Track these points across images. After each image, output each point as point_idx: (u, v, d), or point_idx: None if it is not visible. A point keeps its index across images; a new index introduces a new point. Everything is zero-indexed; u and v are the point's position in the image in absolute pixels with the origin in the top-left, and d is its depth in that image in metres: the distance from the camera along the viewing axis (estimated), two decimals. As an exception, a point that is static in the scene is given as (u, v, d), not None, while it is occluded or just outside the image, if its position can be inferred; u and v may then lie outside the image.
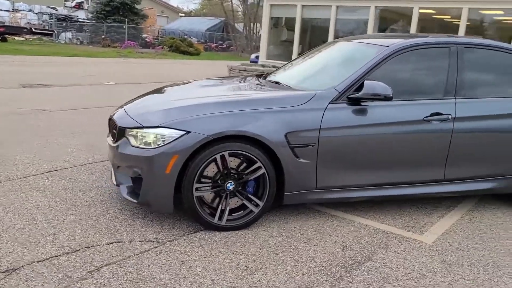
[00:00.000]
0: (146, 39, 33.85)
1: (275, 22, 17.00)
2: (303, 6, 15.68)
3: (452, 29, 13.05)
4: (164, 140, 3.19)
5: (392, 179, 3.70)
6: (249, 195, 3.39)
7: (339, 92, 3.51)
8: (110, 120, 3.82)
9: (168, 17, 49.44)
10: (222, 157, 3.23)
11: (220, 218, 3.32)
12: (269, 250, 3.10)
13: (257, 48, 37.81)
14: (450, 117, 3.69)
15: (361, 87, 3.48)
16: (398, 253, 3.17)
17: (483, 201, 4.34)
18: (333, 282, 2.73)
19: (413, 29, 13.49)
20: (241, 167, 3.34)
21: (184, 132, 3.17)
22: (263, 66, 15.38)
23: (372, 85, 3.39)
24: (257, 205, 3.39)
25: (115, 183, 3.62)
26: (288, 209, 3.80)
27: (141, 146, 3.29)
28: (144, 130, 3.30)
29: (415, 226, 3.67)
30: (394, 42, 3.79)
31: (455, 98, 3.77)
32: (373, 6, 14.12)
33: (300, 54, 15.63)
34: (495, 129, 3.86)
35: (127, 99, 4.48)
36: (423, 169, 3.76)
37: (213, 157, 3.20)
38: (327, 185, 3.54)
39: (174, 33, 37.54)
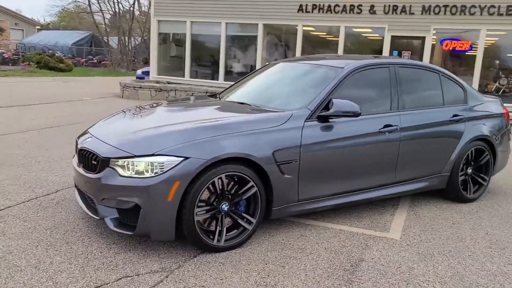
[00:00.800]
0: (3, 54, 30.76)
1: (164, 38, 16.90)
2: (192, 22, 15.89)
3: (332, 44, 14.40)
4: (162, 168, 3.18)
5: (357, 186, 4.14)
6: (243, 214, 3.52)
7: (311, 111, 3.83)
8: (81, 150, 3.64)
9: (23, 30, 45.46)
10: (219, 179, 3.33)
11: (218, 240, 3.40)
12: (275, 264, 3.28)
13: (132, 63, 36.90)
14: (398, 127, 4.26)
15: (327, 105, 3.85)
16: (380, 251, 3.58)
17: (415, 199, 5.02)
18: (347, 285, 3.02)
19: (298, 45, 14.57)
20: (233, 188, 3.46)
21: (183, 158, 3.21)
22: (157, 82, 15.23)
23: (341, 103, 3.78)
24: (250, 223, 3.54)
25: (97, 216, 3.46)
26: (265, 223, 4.00)
27: (134, 175, 3.23)
28: (136, 159, 3.25)
29: (378, 226, 4.14)
30: (347, 63, 4.26)
31: (399, 111, 4.36)
32: (261, 24, 14.91)
33: (195, 69, 15.81)
34: (429, 135, 4.54)
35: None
36: (380, 174, 4.27)
37: (211, 181, 3.28)
38: (307, 197, 3.83)
39: (35, 47, 34.76)
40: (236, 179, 3.43)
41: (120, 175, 3.27)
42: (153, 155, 3.23)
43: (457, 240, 3.89)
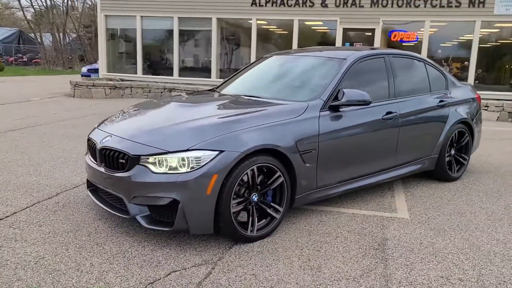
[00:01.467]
0: None
1: (112, 33, 16.38)
2: (142, 17, 15.54)
3: (287, 38, 14.67)
4: (199, 162, 3.21)
5: (365, 171, 4.36)
6: (271, 204, 3.62)
7: (324, 101, 3.99)
8: (103, 149, 3.56)
9: None
10: (251, 171, 3.40)
11: (251, 230, 3.48)
12: (309, 248, 3.42)
13: (69, 60, 35.30)
14: (397, 114, 4.52)
15: (336, 95, 4.03)
16: (398, 230, 3.83)
17: (405, 181, 5.34)
18: (383, 262, 3.22)
19: (253, 39, 14.70)
20: (261, 179, 3.55)
21: (218, 151, 3.25)
22: (110, 80, 14.78)
23: (352, 93, 3.97)
24: (277, 212, 3.65)
25: (126, 215, 3.42)
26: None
27: (168, 172, 3.23)
28: (170, 155, 3.25)
29: (385, 207, 4.40)
30: (349, 55, 4.45)
31: (396, 99, 4.62)
32: (215, 18, 14.88)
33: (148, 65, 15.50)
34: (422, 120, 4.85)
35: None
36: (385, 159, 4.52)
37: (245, 172, 3.35)
38: (324, 184, 3.99)
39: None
40: (264, 170, 3.52)
41: (153, 172, 3.26)
42: (188, 150, 3.25)
43: (458, 215, 4.22)
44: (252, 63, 5.33)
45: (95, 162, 3.71)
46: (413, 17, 13.65)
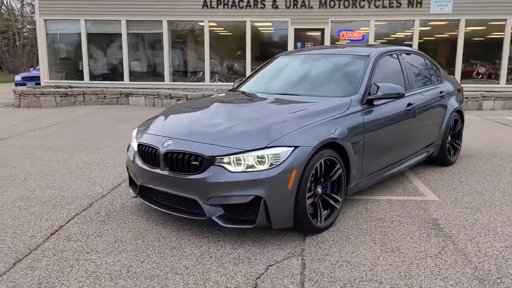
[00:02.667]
0: None
1: (53, 39, 15.54)
2: (86, 21, 14.93)
3: (240, 39, 14.83)
4: (278, 159, 3.30)
5: (395, 159, 4.67)
6: (332, 195, 3.79)
7: (362, 96, 4.23)
8: (168, 153, 3.52)
9: None
10: (320, 164, 3.55)
11: (320, 221, 3.62)
12: (376, 233, 3.63)
13: (22, 67, 32.70)
14: (415, 105, 4.88)
15: (370, 89, 4.29)
16: (440, 211, 4.15)
17: (412, 168, 5.72)
18: (449, 239, 3.51)
19: (206, 41, 14.70)
20: (324, 171, 3.71)
21: (293, 147, 3.36)
22: (58, 87, 14.05)
23: (386, 87, 4.24)
24: (337, 202, 3.82)
25: (201, 217, 3.42)
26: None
27: (247, 170, 3.29)
28: (247, 153, 3.31)
29: (412, 192, 4.73)
30: (370, 51, 4.73)
31: (411, 91, 4.98)
32: (166, 20, 14.69)
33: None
34: (430, 110, 5.26)
35: None
36: (409, 147, 4.88)
37: (315, 166, 3.49)
38: (366, 174, 4.23)
39: None
40: (328, 163, 3.67)
41: (231, 171, 3.30)
42: (266, 147, 3.32)
43: (479, 194, 4.65)
44: (266, 64, 5.45)
45: (155, 167, 3.65)
46: (359, 17, 14.40)
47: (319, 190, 3.64)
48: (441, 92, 5.57)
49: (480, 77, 15.21)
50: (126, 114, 11.38)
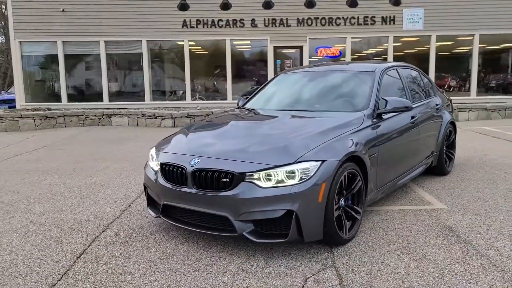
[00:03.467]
0: None
1: (29, 60, 15.26)
2: (64, 42, 14.77)
3: (220, 57, 14.96)
4: (307, 173, 3.39)
5: (402, 171, 4.83)
6: (353, 206, 3.89)
7: (373, 110, 4.39)
8: (196, 171, 3.55)
9: None
10: (344, 177, 3.66)
11: (345, 233, 3.72)
12: (400, 242, 3.75)
13: None
14: (417, 118, 5.08)
15: (379, 104, 4.46)
16: (452, 218, 4.31)
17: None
18: (470, 245, 3.66)
19: (186, 60, 14.77)
20: (344, 184, 3.82)
21: (321, 161, 3.46)
22: (36, 109, 13.77)
23: (394, 101, 4.42)
24: (358, 213, 3.93)
25: (233, 234, 3.46)
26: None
27: (278, 185, 3.36)
28: (277, 169, 3.39)
29: (420, 202, 4.89)
30: (374, 67, 4.92)
31: (412, 104, 5.19)
32: (145, 40, 14.70)
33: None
34: (429, 122, 5.47)
35: None
36: (413, 159, 5.05)
37: (340, 179, 3.59)
38: (381, 184, 4.37)
39: None
40: (350, 176, 3.79)
41: (261, 187, 3.36)
42: (295, 162, 3.41)
43: (483, 201, 4.86)
44: (270, 81, 5.56)
45: (181, 185, 3.67)
46: (336, 34, 14.81)
47: (342, 202, 3.74)
48: (436, 104, 5.82)
49: (451, 89, 15.84)
50: (111, 135, 11.25)
